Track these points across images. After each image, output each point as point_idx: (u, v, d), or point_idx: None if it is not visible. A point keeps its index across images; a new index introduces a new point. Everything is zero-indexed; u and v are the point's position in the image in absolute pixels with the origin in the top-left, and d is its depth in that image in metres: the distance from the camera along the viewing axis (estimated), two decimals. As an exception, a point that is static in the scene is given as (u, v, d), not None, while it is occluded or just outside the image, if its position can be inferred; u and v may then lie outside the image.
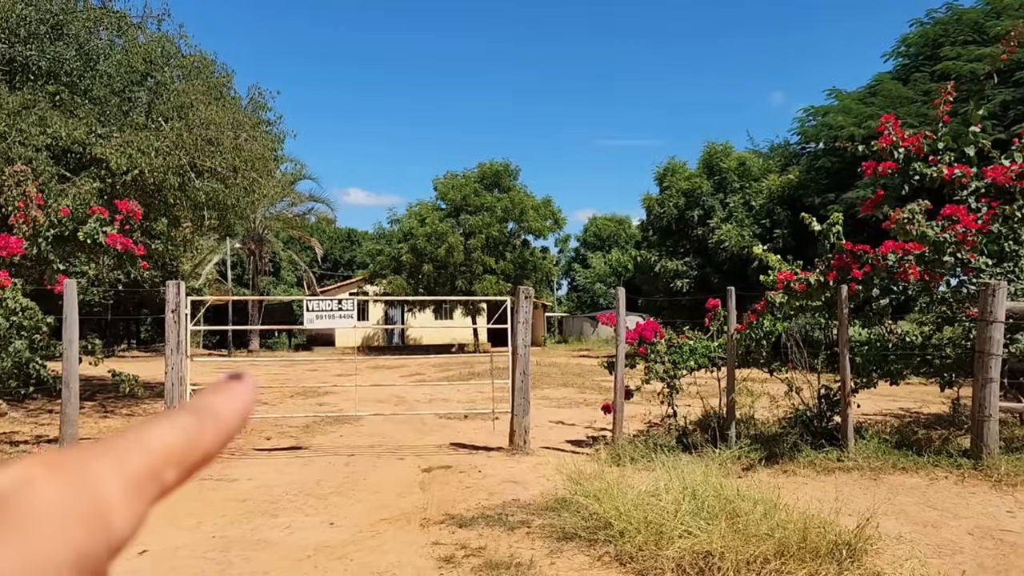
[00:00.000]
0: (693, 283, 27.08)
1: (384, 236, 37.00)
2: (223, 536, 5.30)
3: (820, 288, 7.66)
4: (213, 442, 0.30)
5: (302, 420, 10.84)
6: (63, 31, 11.05)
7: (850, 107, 22.39)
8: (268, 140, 12.37)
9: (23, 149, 9.81)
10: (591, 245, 63.24)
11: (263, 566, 4.65)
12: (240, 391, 0.33)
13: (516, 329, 8.40)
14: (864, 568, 4.23)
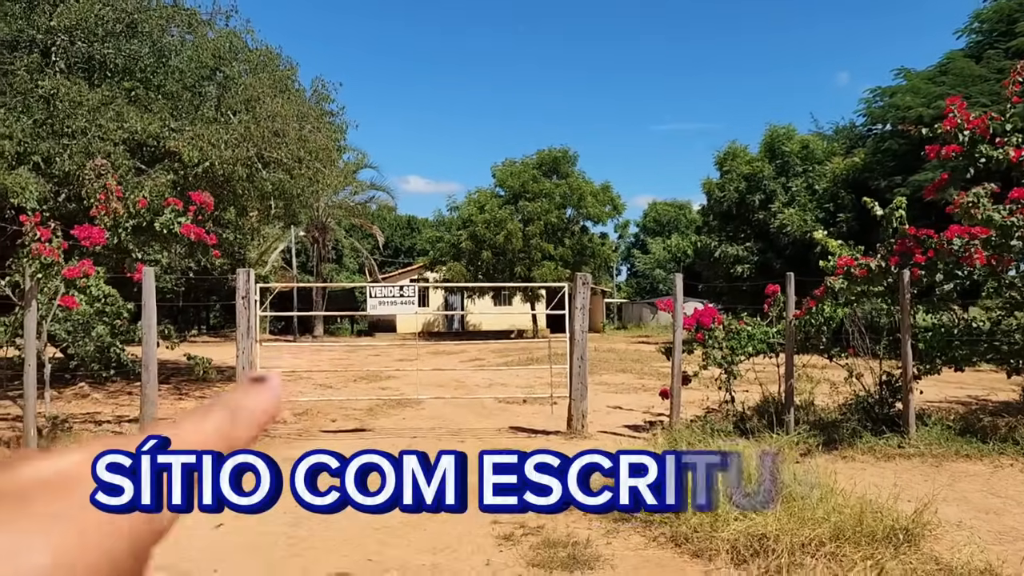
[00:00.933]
0: (754, 268, 26.71)
1: (444, 223, 37.41)
2: (293, 512, 5.54)
3: (881, 273, 7.57)
4: (244, 436, 0.32)
5: (365, 403, 11.16)
6: (137, 29, 11.52)
7: (919, 87, 21.72)
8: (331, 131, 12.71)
9: (102, 144, 10.29)
10: (651, 231, 62.73)
11: (331, 540, 4.89)
12: (267, 391, 0.35)
13: (574, 315, 8.51)
14: (921, 553, 4.25)
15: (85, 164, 9.87)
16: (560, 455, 0.46)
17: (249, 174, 10.96)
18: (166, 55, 11.78)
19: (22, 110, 10.29)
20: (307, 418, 9.96)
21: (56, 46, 11.03)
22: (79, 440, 7.81)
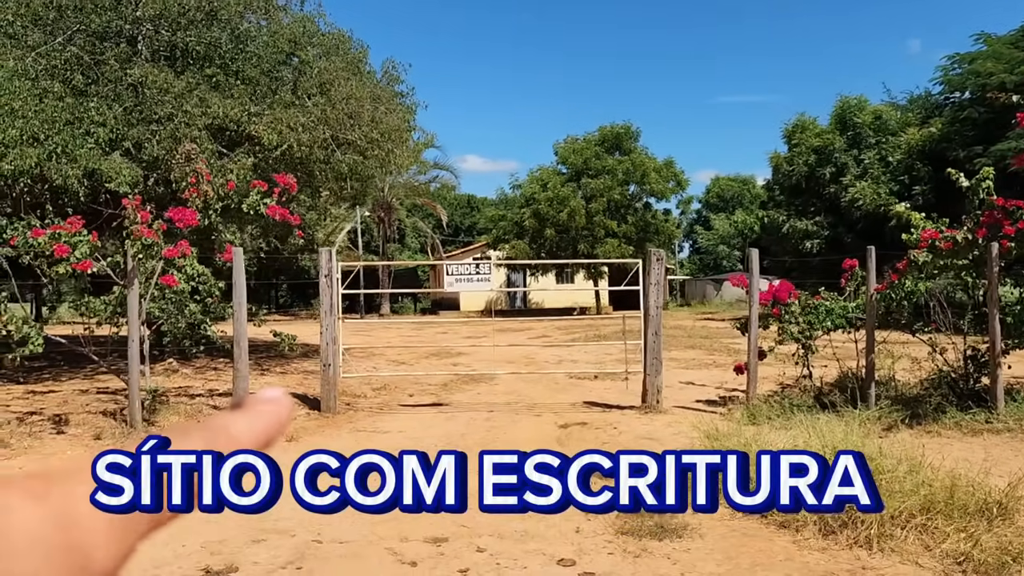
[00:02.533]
0: (823, 243, 26.16)
1: (506, 201, 37.57)
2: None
3: (968, 246, 7.41)
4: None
5: (440, 379, 11.42)
6: (216, 16, 11.88)
7: (1001, 52, 20.85)
8: (402, 112, 12.93)
9: (187, 129, 10.69)
10: (714, 207, 61.79)
11: (425, 506, 5.10)
12: (265, 410, 0.31)
13: (648, 291, 8.57)
14: (1016, 526, 4.22)
15: (172, 149, 10.29)
16: (560, 455, 0.46)
17: (326, 156, 11.26)
18: (244, 41, 12.12)
19: (113, 98, 10.74)
20: (386, 392, 10.26)
21: (142, 35, 11.47)
22: (177, 412, 8.24)
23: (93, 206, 10.74)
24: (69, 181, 9.74)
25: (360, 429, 7.83)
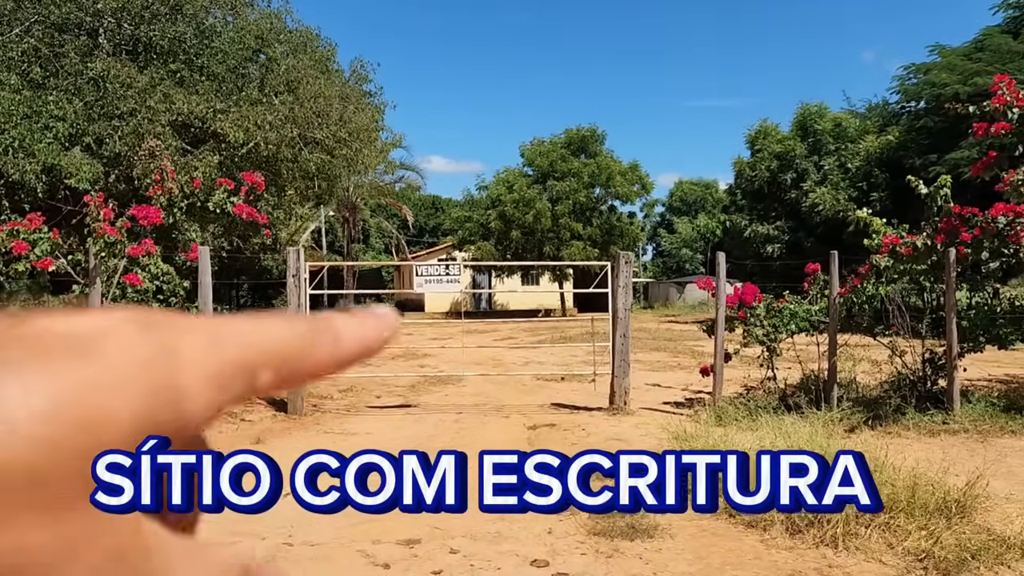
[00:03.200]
0: (784, 248, 26.61)
1: (471, 203, 37.55)
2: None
3: (927, 251, 7.61)
4: (322, 362, 0.27)
5: (407, 380, 11.38)
6: (181, 11, 11.72)
7: (955, 63, 21.44)
8: (371, 111, 12.87)
9: (151, 125, 10.52)
10: (677, 210, 62.42)
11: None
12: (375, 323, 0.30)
13: (616, 293, 8.64)
14: (974, 524, 4.35)
15: (136, 145, 10.12)
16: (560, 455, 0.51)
17: (293, 154, 11.17)
18: (209, 36, 11.97)
19: (73, 92, 10.54)
20: (353, 394, 10.20)
21: (104, 28, 11.26)
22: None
23: (51, 203, 10.51)
24: (27, 176, 9.52)
25: (328, 431, 7.78)
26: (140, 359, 0.22)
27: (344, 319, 0.29)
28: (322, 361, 0.27)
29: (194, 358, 0.23)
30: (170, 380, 0.23)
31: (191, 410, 0.23)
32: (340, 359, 0.28)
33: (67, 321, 0.22)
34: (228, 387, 0.24)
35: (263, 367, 0.25)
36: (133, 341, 0.22)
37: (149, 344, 0.23)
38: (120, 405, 0.21)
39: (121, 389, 0.21)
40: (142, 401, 0.22)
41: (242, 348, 0.25)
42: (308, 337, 0.27)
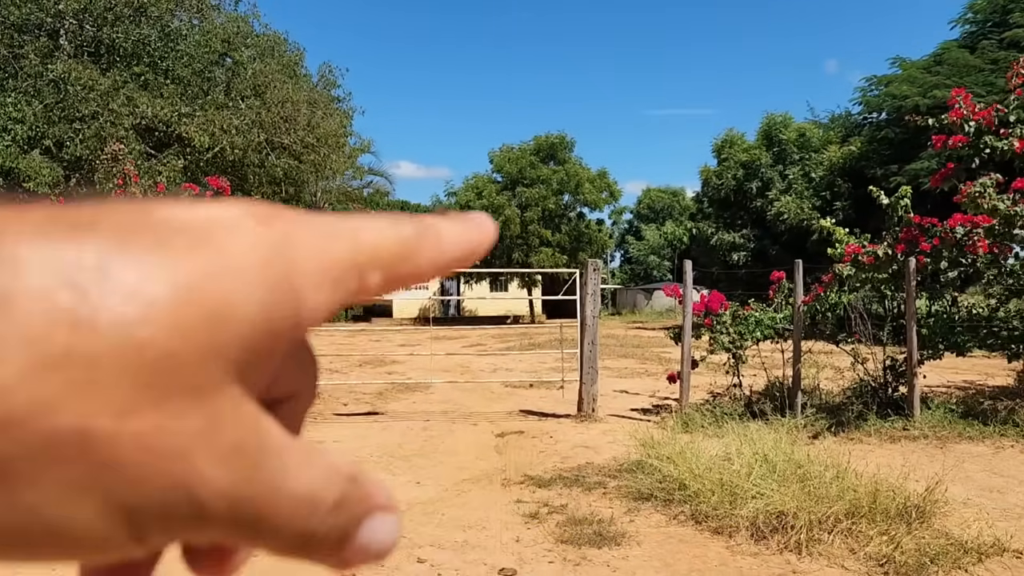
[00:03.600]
0: (750, 255, 26.95)
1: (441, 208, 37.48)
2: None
3: (888, 260, 7.76)
4: (426, 263, 0.27)
5: (375, 387, 11.31)
6: (146, 13, 11.54)
7: (915, 76, 21.92)
8: (339, 117, 12.79)
9: (113, 128, 10.35)
10: (645, 217, 62.93)
11: (363, 517, 5.05)
12: (474, 226, 0.29)
13: (585, 300, 8.67)
14: (933, 529, 4.44)
15: (97, 148, 9.94)
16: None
17: (260, 159, 11.06)
18: (174, 39, 11.81)
19: (33, 94, 10.32)
20: (319, 402, 10.10)
21: (65, 30, 11.05)
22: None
23: (10, 206, 10.28)
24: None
25: (293, 439, 7.68)
26: (262, 253, 0.22)
27: (446, 222, 0.29)
28: (426, 264, 0.27)
29: (310, 254, 0.23)
30: (289, 276, 0.22)
31: (307, 307, 0.23)
32: (442, 263, 0.28)
33: (190, 211, 0.22)
34: (341, 286, 0.24)
35: (374, 268, 0.25)
36: (254, 234, 0.22)
37: (269, 238, 0.22)
38: (245, 298, 0.21)
39: (245, 282, 0.21)
40: (264, 295, 0.21)
41: (355, 246, 0.25)
42: (414, 240, 0.27)
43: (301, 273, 0.23)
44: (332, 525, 0.23)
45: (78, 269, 0.18)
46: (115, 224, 0.20)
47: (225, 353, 0.20)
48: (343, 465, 0.24)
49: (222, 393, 0.20)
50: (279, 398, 0.26)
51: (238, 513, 0.21)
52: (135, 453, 0.18)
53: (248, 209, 0.23)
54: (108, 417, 0.18)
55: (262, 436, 0.22)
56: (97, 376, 0.18)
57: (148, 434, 0.19)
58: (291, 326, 0.22)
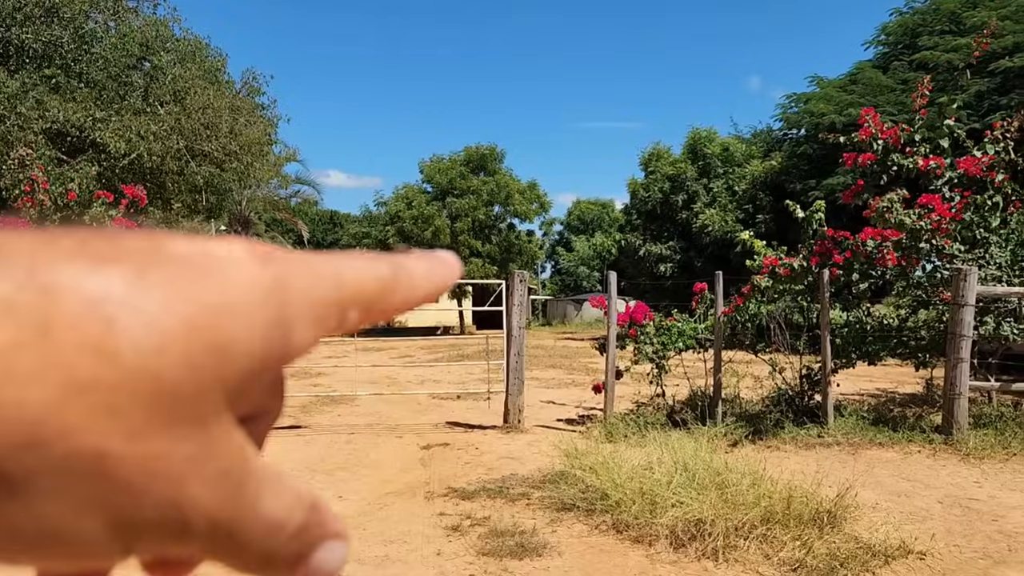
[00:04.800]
0: (676, 267, 27.50)
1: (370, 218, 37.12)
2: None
3: (803, 272, 8.02)
4: (399, 300, 0.29)
5: (298, 400, 11.07)
6: (57, 14, 11.10)
7: (831, 95, 22.77)
8: (263, 124, 12.53)
9: (22, 133, 9.91)
10: (575, 228, 63.57)
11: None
12: (441, 264, 0.31)
13: (511, 311, 8.69)
14: (844, 533, 4.58)
15: (4, 153, 9.50)
16: None
17: (179, 167, 10.73)
18: (89, 42, 11.39)
19: (-67, 96, 9.81)
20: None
21: (-31, 29, 10.55)
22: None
23: (-94, 213, 9.73)
24: None
25: (211, 454, 7.46)
26: (261, 291, 0.23)
27: (416, 261, 0.31)
28: (399, 301, 0.29)
29: (300, 294, 0.25)
30: (282, 313, 0.24)
31: (295, 342, 0.25)
32: (414, 299, 0.30)
33: (198, 247, 0.23)
34: (324, 322, 0.26)
35: (354, 305, 0.27)
36: (254, 272, 0.24)
37: (266, 277, 0.24)
38: (247, 334, 0.22)
39: (247, 318, 0.23)
40: (262, 331, 0.23)
41: (339, 286, 0.26)
42: (390, 279, 0.29)
43: (292, 311, 0.25)
44: (291, 548, 0.24)
45: (106, 299, 0.20)
46: (133, 257, 0.21)
47: (224, 384, 0.22)
48: (306, 493, 0.26)
49: (217, 421, 0.22)
50: (252, 415, 0.27)
51: (216, 532, 0.22)
52: (139, 475, 0.20)
53: (248, 248, 0.25)
54: (121, 440, 0.19)
55: (245, 462, 0.23)
56: (117, 401, 0.19)
57: (153, 458, 0.20)
58: (280, 358, 0.24)
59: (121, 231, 0.23)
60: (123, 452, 0.20)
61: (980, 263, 8.00)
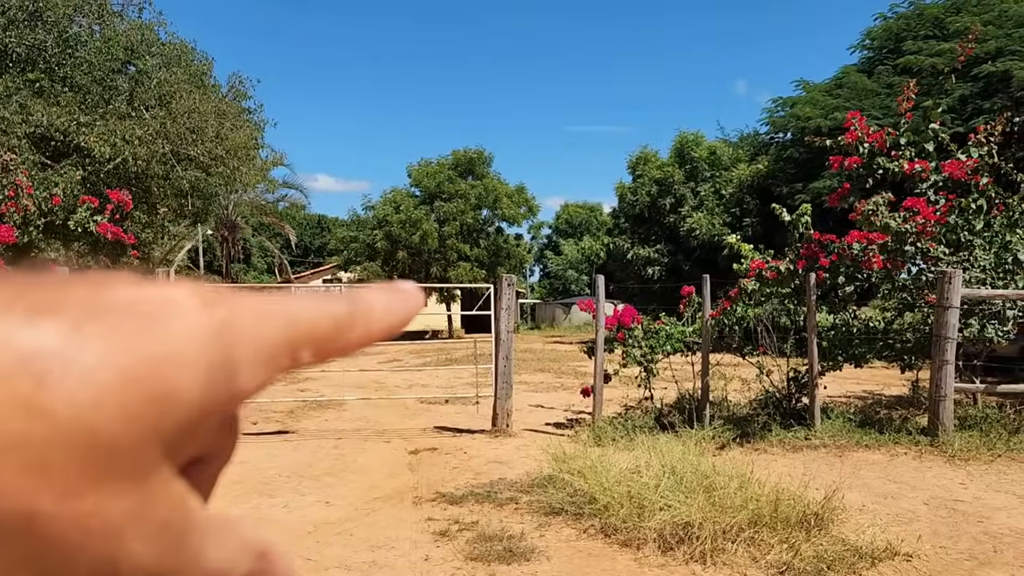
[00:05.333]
0: (664, 270, 27.56)
1: (358, 223, 37.04)
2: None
3: (790, 276, 8.05)
4: (356, 338, 0.28)
5: (285, 405, 11.02)
6: (41, 18, 11.03)
7: (817, 99, 22.89)
8: (250, 128, 12.48)
9: (5, 137, 9.83)
10: (563, 232, 63.67)
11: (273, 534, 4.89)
12: (402, 297, 0.31)
13: (499, 315, 8.68)
14: (831, 535, 4.60)
15: (-12, 158, 9.42)
16: None
17: (165, 171, 10.67)
18: (73, 46, 11.32)
19: (-86, 100, 9.73)
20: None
21: (-48, 33, 10.47)
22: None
23: None
24: None
25: (198, 461, 7.40)
26: (205, 337, 0.23)
27: (378, 296, 0.31)
28: (356, 339, 0.29)
29: (248, 337, 0.25)
30: (228, 358, 0.24)
31: (241, 386, 0.24)
32: (372, 336, 0.30)
33: (140, 292, 0.23)
34: (274, 364, 0.25)
35: (306, 346, 0.26)
36: (198, 318, 0.23)
37: (212, 321, 0.24)
38: (188, 383, 0.22)
39: (188, 367, 0.22)
40: (205, 378, 0.23)
41: (290, 328, 0.26)
42: (347, 318, 0.28)
43: (239, 354, 0.24)
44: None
45: (39, 353, 0.19)
46: (72, 308, 0.21)
47: (164, 435, 0.21)
48: (254, 540, 0.25)
49: (156, 473, 0.21)
50: (201, 457, 0.27)
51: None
52: (73, 533, 0.19)
53: (194, 291, 0.24)
54: (54, 498, 0.19)
55: (187, 513, 0.23)
56: (49, 458, 0.19)
57: (87, 515, 0.19)
58: (225, 403, 0.24)
59: (64, 278, 0.22)
60: (56, 511, 0.19)
61: (964, 266, 8.06)
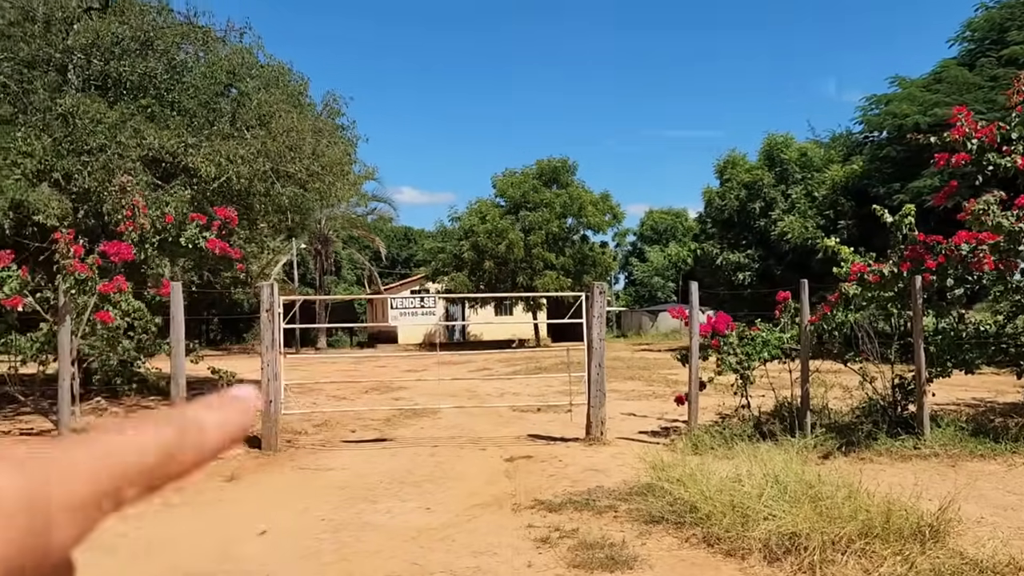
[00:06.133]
0: (755, 275, 26.95)
1: (444, 233, 37.62)
2: (331, 519, 5.71)
3: (894, 279, 7.76)
4: (189, 461, 0.28)
5: (382, 414, 11.29)
6: (152, 47, 11.71)
7: (914, 95, 21.99)
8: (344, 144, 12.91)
9: (121, 160, 10.45)
10: (648, 239, 62.96)
11: (373, 546, 5.04)
12: (234, 411, 0.31)
13: (591, 323, 8.68)
14: (947, 548, 4.40)
15: (105, 180, 10.04)
16: None
17: (266, 188, 11.15)
18: (180, 72, 11.98)
19: (42, 128, 10.45)
20: (327, 429, 10.09)
21: (73, 64, 11.22)
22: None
23: (18, 239, 10.37)
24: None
25: (303, 467, 7.68)
26: (12, 501, 0.24)
27: (209, 413, 0.31)
28: (188, 463, 0.29)
29: (62, 493, 0.25)
30: (40, 518, 0.24)
31: (59, 540, 0.25)
32: (206, 456, 0.30)
33: None
34: (92, 514, 0.26)
35: (128, 486, 0.27)
36: (5, 483, 0.24)
37: (20, 483, 0.24)
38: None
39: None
40: (16, 540, 0.23)
41: (107, 474, 0.26)
42: (174, 443, 0.29)
43: (52, 514, 0.25)
44: None
45: None
46: None
47: None
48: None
49: None
50: None
51: None
52: None
53: (2, 462, 0.25)
54: None
55: None
56: None
57: None
58: (39, 560, 0.24)
59: None
60: None
61: (1085, 265, 7.61)
